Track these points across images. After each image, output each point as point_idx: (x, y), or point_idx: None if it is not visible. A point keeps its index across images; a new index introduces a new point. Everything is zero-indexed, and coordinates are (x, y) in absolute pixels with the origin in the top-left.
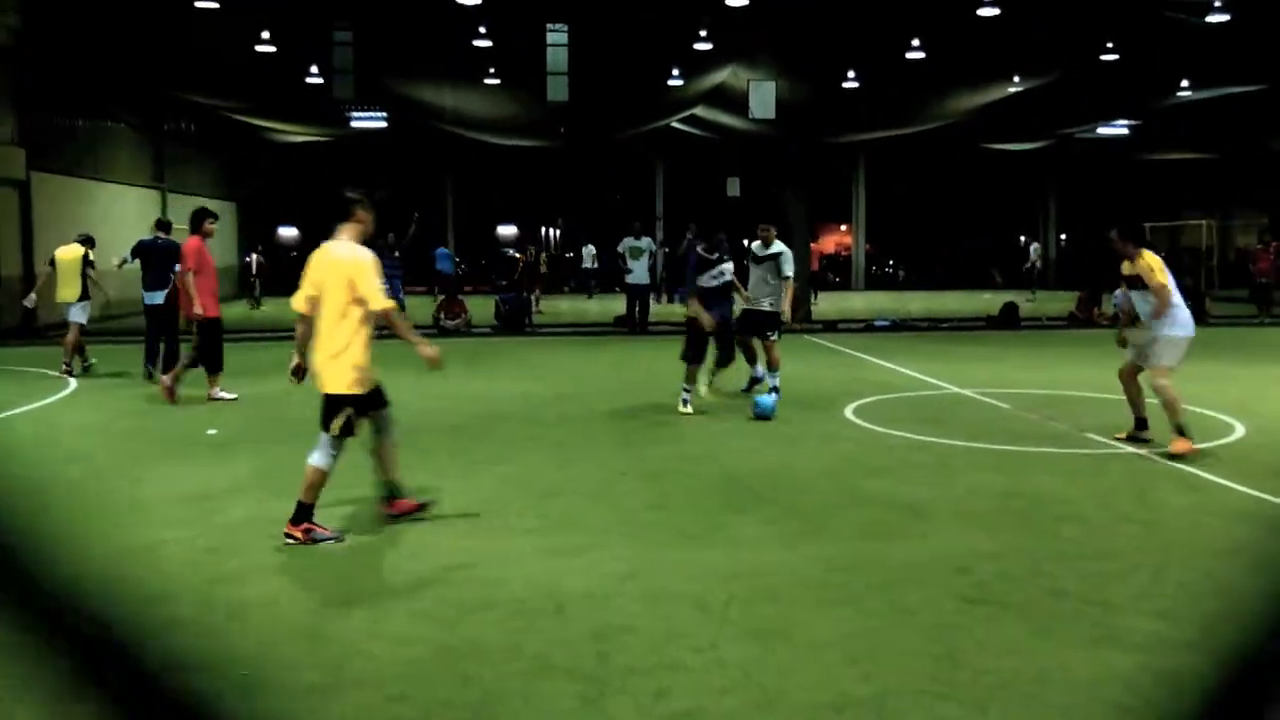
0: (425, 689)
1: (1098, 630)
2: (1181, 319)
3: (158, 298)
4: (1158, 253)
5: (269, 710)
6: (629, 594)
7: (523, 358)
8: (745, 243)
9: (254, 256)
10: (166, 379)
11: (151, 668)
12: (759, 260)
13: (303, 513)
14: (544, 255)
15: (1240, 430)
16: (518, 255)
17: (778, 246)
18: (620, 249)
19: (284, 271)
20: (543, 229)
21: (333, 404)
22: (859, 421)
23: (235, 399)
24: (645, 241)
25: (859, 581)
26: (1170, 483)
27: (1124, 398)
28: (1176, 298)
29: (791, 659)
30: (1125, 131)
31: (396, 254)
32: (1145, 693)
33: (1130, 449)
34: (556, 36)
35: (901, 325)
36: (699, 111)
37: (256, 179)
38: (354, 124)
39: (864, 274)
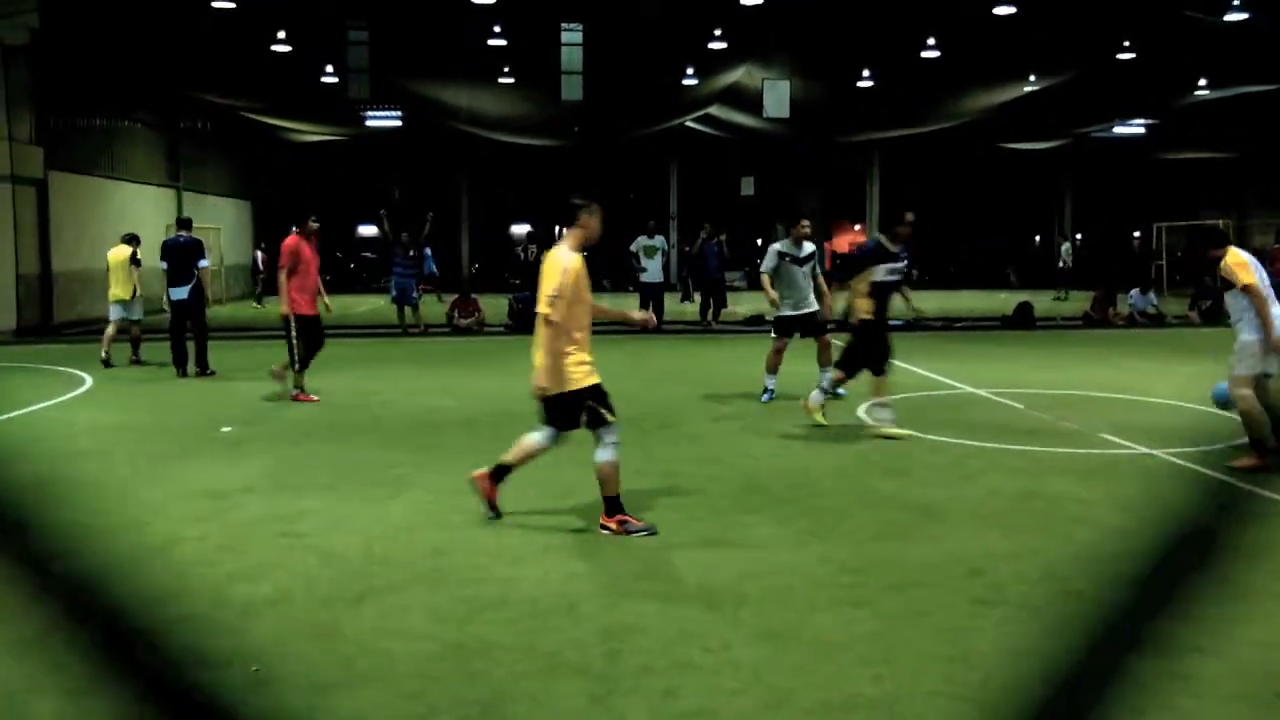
0: (437, 686)
1: (1113, 633)
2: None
3: (182, 293)
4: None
5: (282, 706)
6: (641, 594)
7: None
8: (759, 241)
9: (258, 254)
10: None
11: (166, 664)
12: (801, 261)
13: (615, 505)
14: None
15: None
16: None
17: (811, 245)
18: (634, 248)
19: None
20: (557, 228)
21: (577, 401)
22: (871, 422)
23: (317, 401)
24: (659, 240)
25: (872, 582)
26: (1183, 483)
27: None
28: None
29: (803, 659)
30: (1142, 131)
31: (411, 253)
32: (1158, 695)
33: (1143, 449)
34: (571, 36)
35: (915, 325)
36: (714, 110)
37: (271, 178)
38: (369, 123)
39: None
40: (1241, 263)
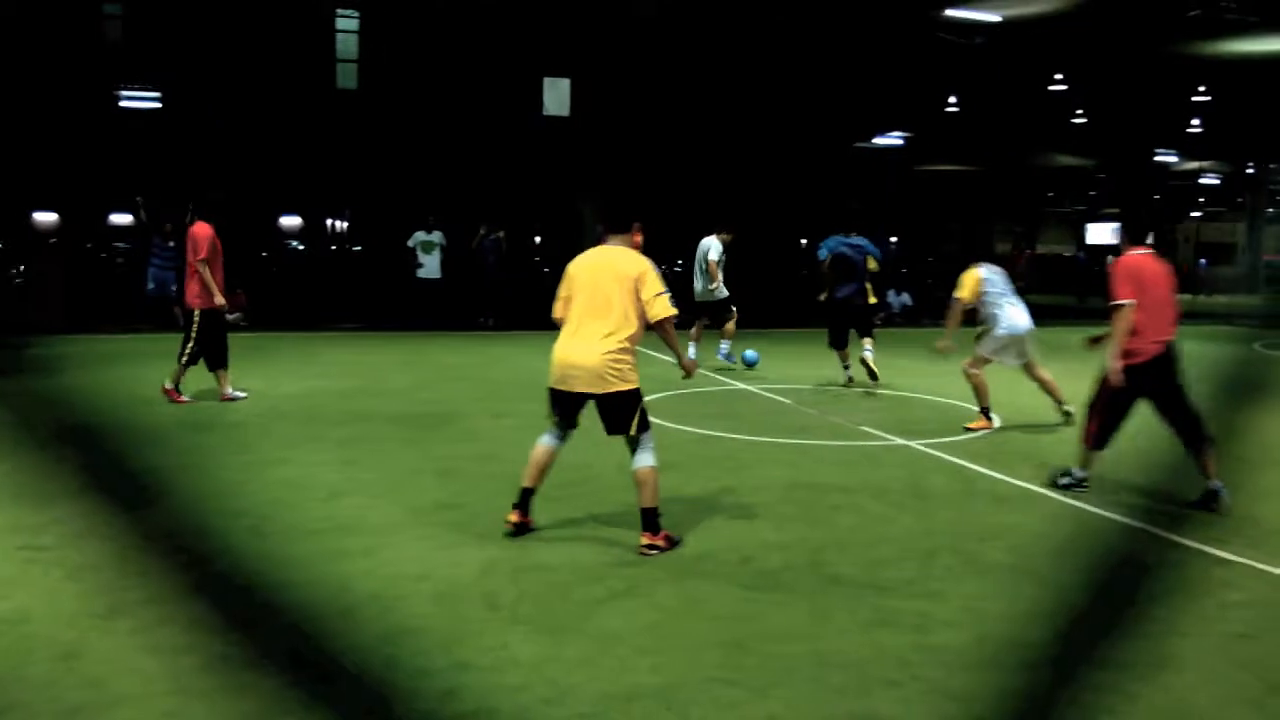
0: (199, 703)
1: (873, 613)
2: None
3: None
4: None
5: None
6: (419, 595)
7: (309, 354)
8: (538, 239)
9: None
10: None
11: None
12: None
13: (655, 519)
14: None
15: (996, 421)
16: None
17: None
18: (411, 243)
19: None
20: (330, 221)
21: (637, 399)
22: (652, 418)
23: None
24: (438, 235)
25: (650, 575)
26: (936, 471)
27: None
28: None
29: (583, 653)
30: (900, 142)
31: (171, 244)
32: (913, 668)
33: (899, 440)
34: (346, 23)
35: (688, 323)
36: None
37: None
38: (124, 104)
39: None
40: (964, 280)
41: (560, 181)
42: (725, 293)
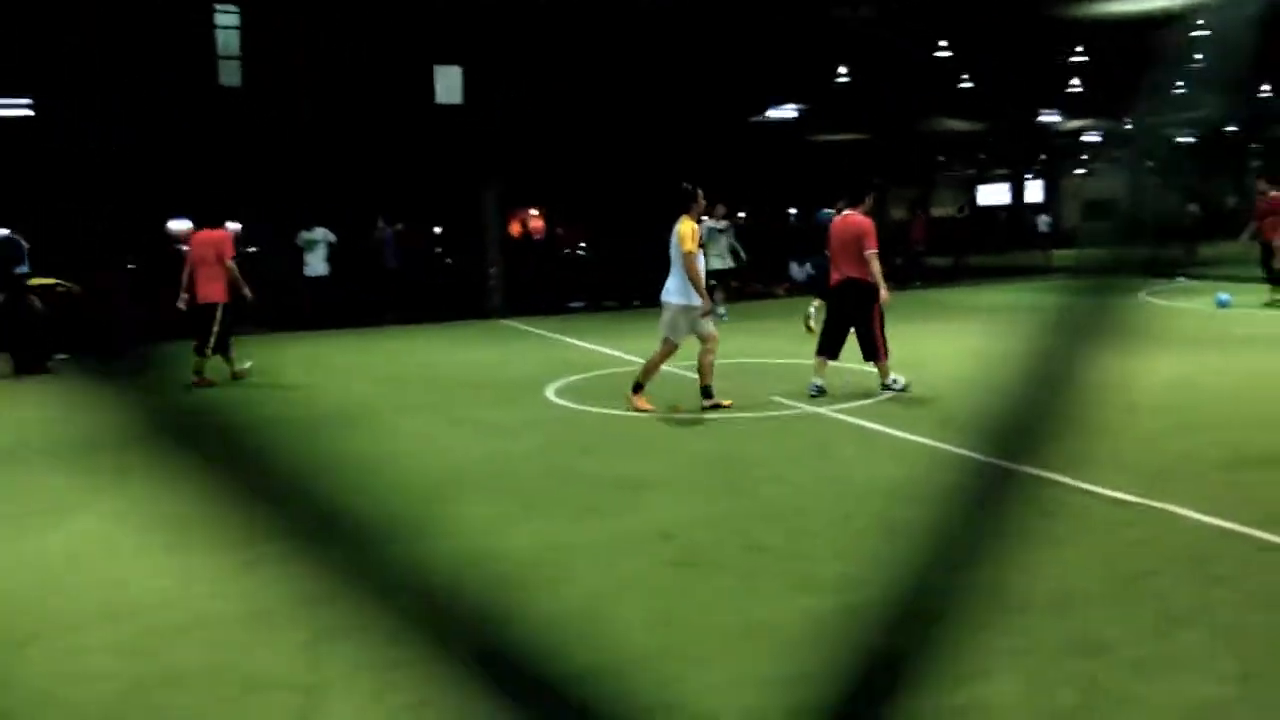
0: None
1: (796, 579)
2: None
3: None
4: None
5: None
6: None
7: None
8: (438, 230)
9: None
10: None
11: None
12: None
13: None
14: None
15: (905, 384)
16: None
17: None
18: (299, 242)
19: None
20: (228, 224)
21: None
22: (562, 402)
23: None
24: (319, 232)
25: (579, 557)
26: (847, 437)
27: (800, 362)
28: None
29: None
30: (794, 114)
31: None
32: (829, 631)
33: (809, 409)
34: (226, 19)
35: (595, 305)
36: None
37: None
38: None
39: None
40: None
41: (458, 170)
42: (715, 265)
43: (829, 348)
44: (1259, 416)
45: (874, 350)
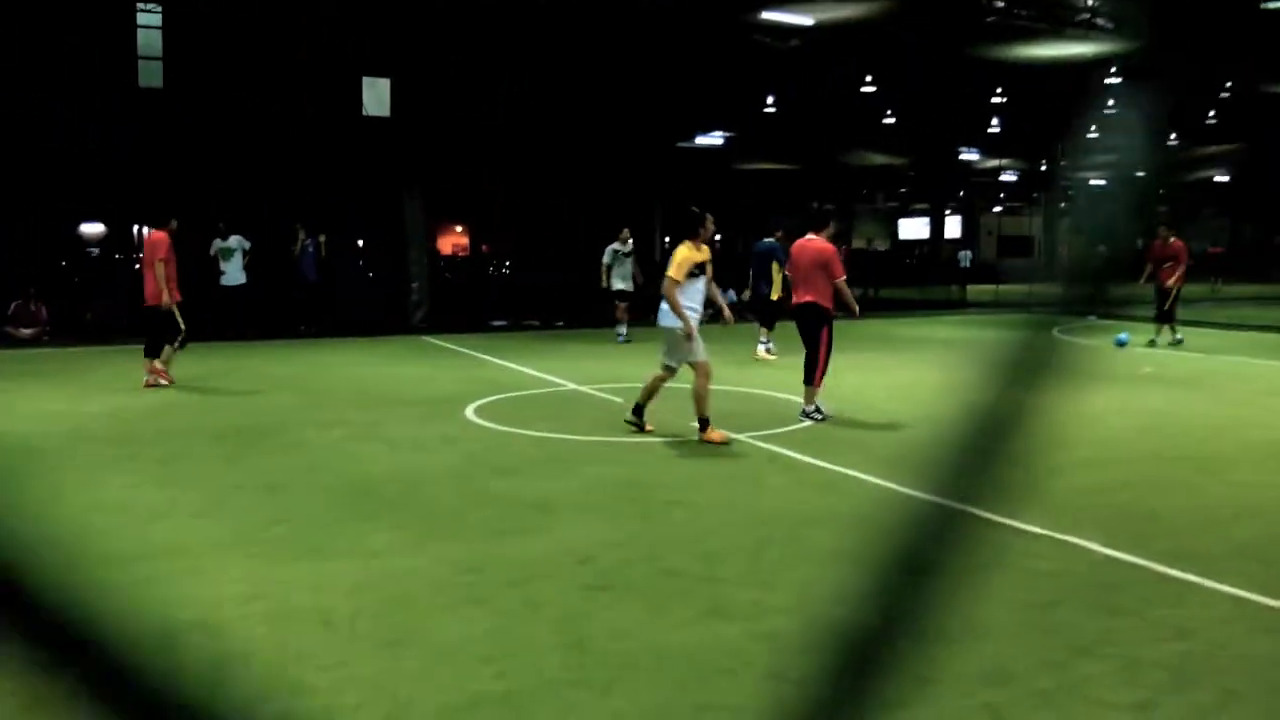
0: None
1: (708, 604)
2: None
3: None
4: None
5: None
6: (250, 617)
7: (118, 369)
8: (360, 242)
9: None
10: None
11: None
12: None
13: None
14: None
15: (813, 420)
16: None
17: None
18: (212, 252)
19: None
20: (137, 227)
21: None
22: (480, 422)
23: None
24: (234, 240)
25: (489, 580)
26: (763, 463)
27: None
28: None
29: (423, 665)
30: (720, 142)
31: None
32: (748, 655)
33: (730, 435)
34: (149, 18)
35: (518, 325)
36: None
37: None
38: None
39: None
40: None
41: (383, 182)
42: (618, 286)
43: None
44: (1162, 452)
45: (811, 374)
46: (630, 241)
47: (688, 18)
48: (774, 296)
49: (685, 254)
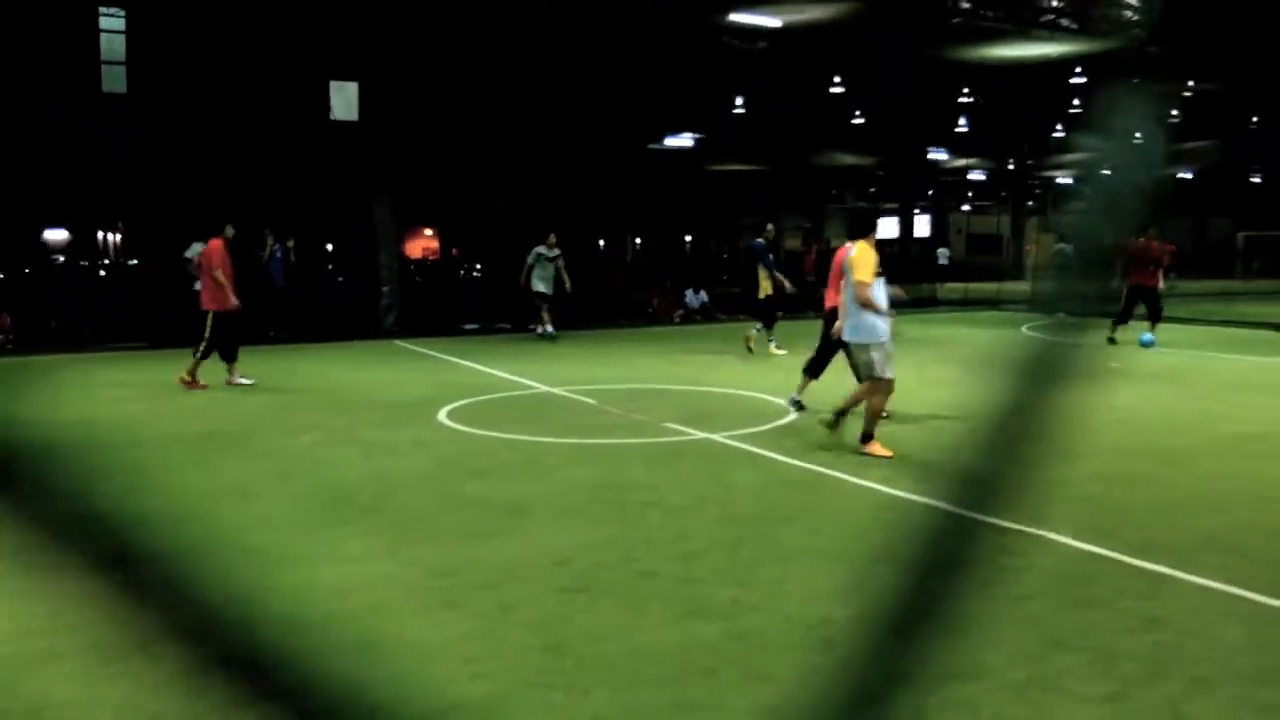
0: None
1: (685, 604)
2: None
3: None
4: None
5: None
6: (222, 624)
7: (85, 376)
8: (330, 247)
9: None
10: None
11: None
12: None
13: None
14: None
15: (792, 412)
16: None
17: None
18: (187, 254)
19: None
20: (101, 233)
21: None
22: (453, 425)
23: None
24: (198, 247)
25: (465, 584)
26: (738, 462)
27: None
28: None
29: (401, 669)
30: (691, 144)
31: None
32: (727, 654)
33: (702, 434)
34: (112, 22)
35: (490, 328)
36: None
37: None
38: None
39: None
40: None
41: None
42: (538, 287)
43: (813, 369)
44: (1130, 445)
45: (814, 367)
46: (557, 248)
47: (665, 19)
48: (760, 295)
49: (868, 254)
